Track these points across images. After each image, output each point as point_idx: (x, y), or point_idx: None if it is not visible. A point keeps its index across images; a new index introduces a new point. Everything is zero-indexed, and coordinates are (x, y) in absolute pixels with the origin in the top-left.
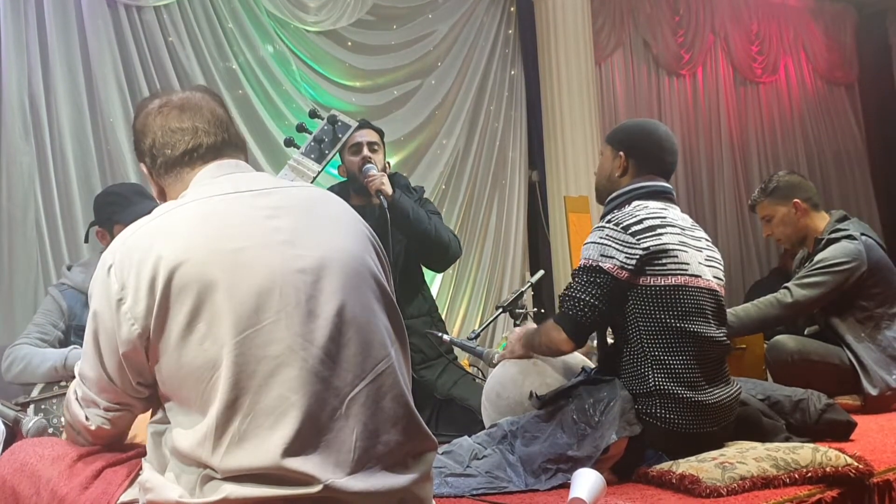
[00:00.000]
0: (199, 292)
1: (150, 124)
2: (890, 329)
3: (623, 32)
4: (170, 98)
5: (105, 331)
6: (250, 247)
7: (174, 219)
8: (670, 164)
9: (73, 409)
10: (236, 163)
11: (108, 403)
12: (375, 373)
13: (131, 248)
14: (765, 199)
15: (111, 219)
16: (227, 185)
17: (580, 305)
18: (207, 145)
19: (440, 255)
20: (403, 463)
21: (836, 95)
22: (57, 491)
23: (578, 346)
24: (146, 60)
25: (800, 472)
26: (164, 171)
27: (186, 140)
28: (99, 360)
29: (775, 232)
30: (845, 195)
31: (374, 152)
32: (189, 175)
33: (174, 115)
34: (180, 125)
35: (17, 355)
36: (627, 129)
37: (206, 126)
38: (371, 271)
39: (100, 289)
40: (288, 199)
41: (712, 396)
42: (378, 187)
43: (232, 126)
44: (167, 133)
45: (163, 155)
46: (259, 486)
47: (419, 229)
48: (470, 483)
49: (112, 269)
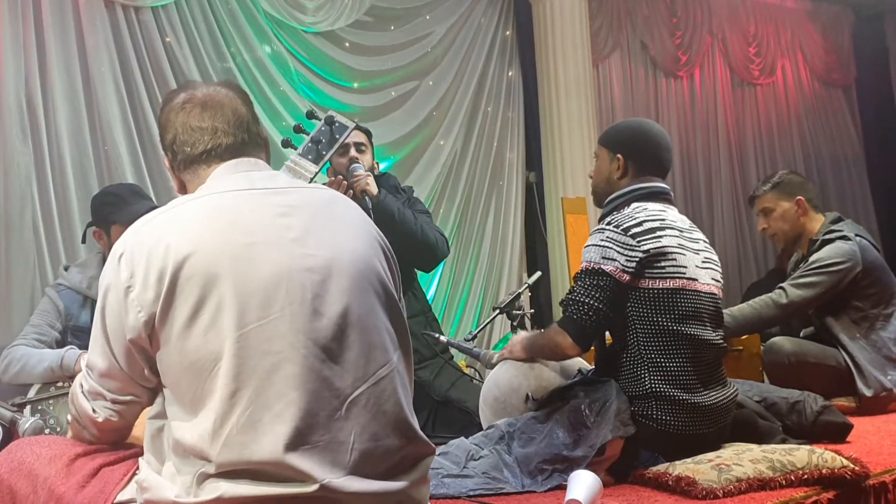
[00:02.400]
0: (206, 283)
1: (172, 120)
2: (885, 329)
3: (620, 34)
4: (194, 93)
5: (113, 317)
6: (260, 242)
7: (186, 211)
8: (667, 161)
9: (80, 401)
10: (255, 161)
11: (116, 395)
12: (377, 377)
13: (142, 238)
14: (769, 192)
15: (108, 219)
16: (241, 182)
17: (584, 309)
18: (226, 146)
19: (427, 256)
20: (401, 466)
21: (834, 97)
22: (54, 490)
23: (584, 351)
24: (143, 61)
25: (796, 473)
26: (183, 166)
27: (206, 140)
28: (108, 346)
29: (772, 226)
30: (842, 197)
31: (362, 153)
32: (206, 172)
33: (196, 112)
34: (200, 124)
35: (14, 356)
36: (623, 130)
37: (225, 126)
38: (378, 275)
39: (110, 276)
40: (302, 198)
41: (708, 398)
42: (363, 188)
43: (254, 125)
44: (187, 131)
45: (182, 152)
46: (255, 485)
47: (405, 230)
48: (467, 484)
49: (122, 257)
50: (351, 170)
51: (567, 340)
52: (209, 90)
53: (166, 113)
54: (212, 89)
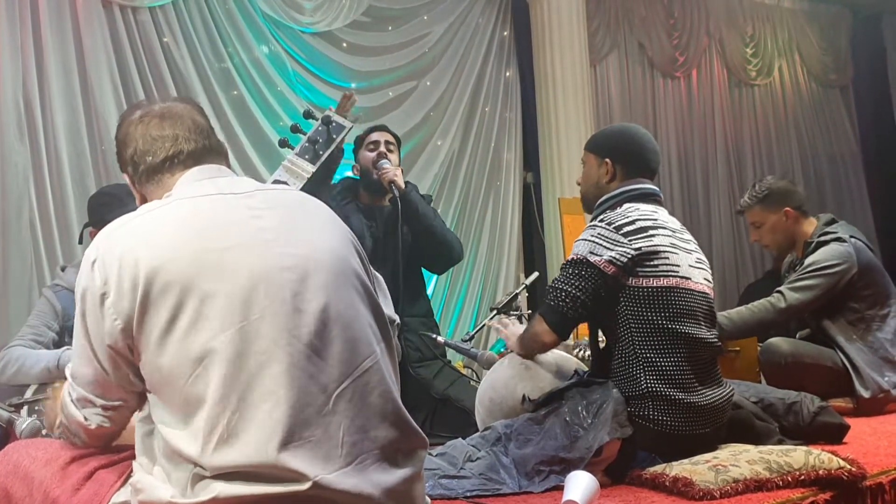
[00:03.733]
0: (182, 290)
1: (131, 133)
2: (881, 331)
3: (618, 34)
4: (151, 108)
5: (92, 323)
6: (235, 246)
7: (157, 218)
8: (654, 163)
9: (70, 410)
10: (218, 167)
11: (105, 401)
12: (362, 369)
13: (113, 245)
14: (756, 206)
15: (104, 219)
16: (210, 188)
17: (563, 296)
18: (188, 151)
19: (444, 255)
20: (393, 460)
21: (831, 98)
22: (49, 493)
23: (562, 339)
24: (141, 61)
25: (793, 474)
26: (145, 178)
27: (167, 147)
28: (91, 352)
29: (763, 238)
30: (840, 197)
31: (391, 152)
32: (170, 180)
33: (155, 123)
34: (161, 133)
35: (11, 357)
36: (609, 134)
37: (186, 133)
38: (355, 271)
39: (85, 282)
40: (272, 200)
41: (704, 398)
42: (391, 178)
43: (213, 134)
44: (148, 141)
45: (144, 162)
46: (249, 484)
47: (427, 224)
48: (463, 485)
49: (95, 264)
50: (380, 164)
51: (543, 327)
52: (165, 104)
53: (124, 128)
54: (168, 103)
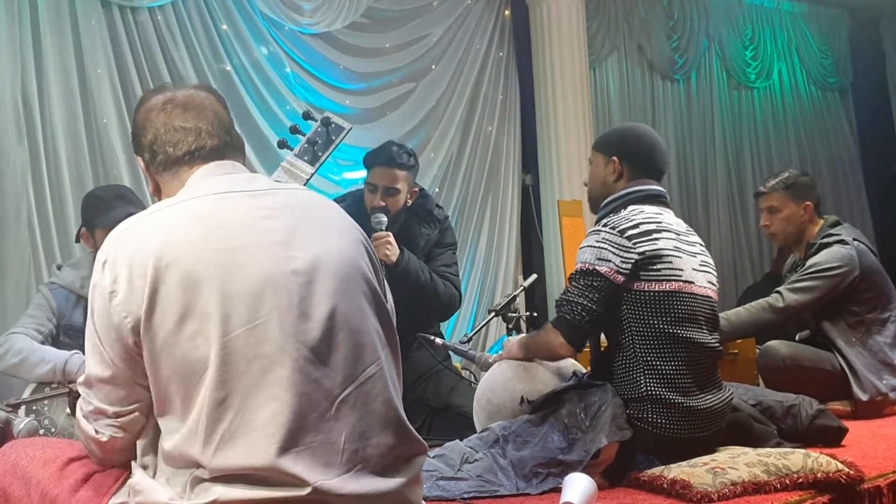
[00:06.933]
0: (191, 290)
1: (152, 120)
2: (881, 334)
3: (617, 37)
4: (174, 95)
5: (102, 322)
6: (244, 247)
7: (169, 216)
8: (662, 163)
9: (82, 426)
10: (233, 164)
11: (118, 407)
12: (366, 376)
13: (124, 244)
14: (781, 191)
15: (92, 222)
16: (223, 185)
17: (577, 309)
18: (210, 147)
19: (436, 312)
20: (393, 466)
21: (830, 101)
22: (47, 493)
23: (577, 351)
24: (140, 61)
25: (791, 477)
26: (162, 168)
27: (189, 141)
28: (104, 352)
29: (774, 225)
30: (838, 200)
31: (391, 196)
32: (187, 174)
33: (178, 113)
34: (184, 124)
35: (14, 347)
36: (617, 134)
37: (209, 128)
38: (364, 275)
39: (96, 280)
40: (284, 200)
41: (704, 402)
42: (381, 256)
43: (233, 127)
44: (170, 131)
45: (164, 153)
46: (249, 488)
47: (426, 295)
48: (461, 487)
49: (106, 264)
50: (373, 223)
51: (559, 339)
52: (188, 92)
53: (144, 112)
54: (191, 91)
